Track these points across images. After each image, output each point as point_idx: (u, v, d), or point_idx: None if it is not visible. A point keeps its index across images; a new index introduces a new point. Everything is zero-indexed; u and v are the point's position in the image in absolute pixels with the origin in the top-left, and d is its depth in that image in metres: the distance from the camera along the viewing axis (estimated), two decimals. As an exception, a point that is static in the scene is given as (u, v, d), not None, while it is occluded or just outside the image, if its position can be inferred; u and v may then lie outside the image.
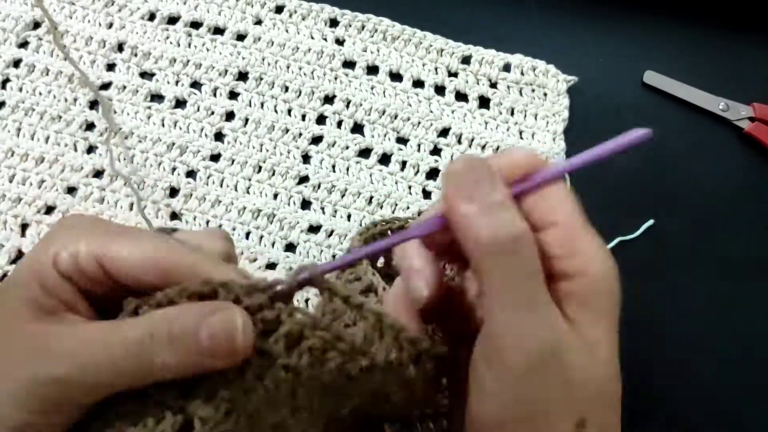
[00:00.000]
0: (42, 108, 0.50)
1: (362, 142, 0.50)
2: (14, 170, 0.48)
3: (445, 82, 0.52)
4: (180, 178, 0.49)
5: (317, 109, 0.51)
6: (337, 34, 0.53)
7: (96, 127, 0.50)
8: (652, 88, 0.53)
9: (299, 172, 0.49)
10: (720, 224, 0.50)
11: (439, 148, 0.51)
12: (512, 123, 0.51)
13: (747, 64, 0.55)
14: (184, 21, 0.53)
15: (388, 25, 0.53)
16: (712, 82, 0.53)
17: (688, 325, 0.47)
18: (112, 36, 0.52)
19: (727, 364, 0.46)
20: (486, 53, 0.53)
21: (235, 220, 0.48)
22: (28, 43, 0.52)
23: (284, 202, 0.48)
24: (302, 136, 0.50)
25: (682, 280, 0.48)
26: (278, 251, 0.47)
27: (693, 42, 0.55)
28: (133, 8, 0.53)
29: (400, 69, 0.52)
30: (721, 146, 0.52)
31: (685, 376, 0.46)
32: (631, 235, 0.49)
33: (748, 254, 0.49)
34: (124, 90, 0.51)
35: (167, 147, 0.50)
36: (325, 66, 0.52)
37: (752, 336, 0.47)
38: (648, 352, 0.46)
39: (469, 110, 0.52)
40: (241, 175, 0.49)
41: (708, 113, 0.53)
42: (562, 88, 0.52)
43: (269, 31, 0.53)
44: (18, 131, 0.50)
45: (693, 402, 0.45)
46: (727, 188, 0.51)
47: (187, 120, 0.50)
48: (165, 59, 0.52)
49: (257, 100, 0.51)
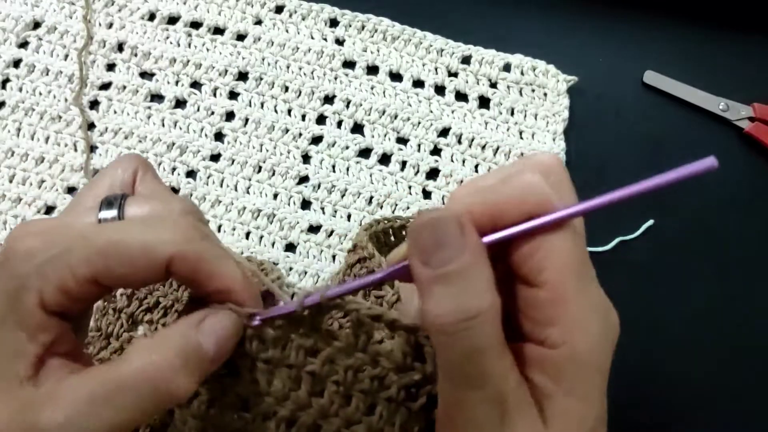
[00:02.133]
0: (42, 108, 0.50)
1: (362, 142, 0.50)
2: (14, 170, 0.48)
3: (445, 82, 0.52)
4: (180, 178, 0.49)
5: (317, 109, 0.51)
6: (337, 34, 0.53)
7: (96, 126, 0.50)
8: (652, 88, 0.53)
9: (299, 172, 0.49)
10: (720, 224, 0.50)
11: (439, 148, 0.51)
12: (512, 123, 0.51)
13: (747, 64, 0.55)
14: (184, 21, 0.53)
15: (388, 25, 0.53)
16: (712, 82, 0.53)
17: (688, 325, 0.47)
18: (112, 36, 0.52)
19: (726, 364, 0.46)
20: (486, 53, 0.53)
21: (235, 220, 0.48)
22: (28, 43, 0.52)
23: (284, 202, 0.48)
24: (302, 136, 0.50)
25: (682, 280, 0.48)
26: (278, 251, 0.47)
27: (693, 42, 0.55)
28: (133, 8, 0.53)
29: (400, 69, 0.52)
30: (721, 146, 0.52)
31: (684, 376, 0.46)
32: (631, 235, 0.49)
33: (748, 254, 0.49)
34: (124, 90, 0.51)
35: (167, 147, 0.50)
36: (325, 66, 0.52)
37: (752, 336, 0.47)
38: (647, 351, 0.46)
39: (469, 110, 0.52)
40: (241, 175, 0.49)
41: (708, 113, 0.53)
42: (562, 88, 0.52)
43: (269, 31, 0.53)
44: (18, 131, 0.50)
45: (692, 402, 0.45)
46: (727, 188, 0.51)
47: (187, 120, 0.50)
48: (165, 59, 0.52)
49: (257, 100, 0.51)
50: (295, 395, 0.26)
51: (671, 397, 0.45)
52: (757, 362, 0.46)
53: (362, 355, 0.25)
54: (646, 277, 0.48)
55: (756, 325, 0.47)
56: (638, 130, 0.52)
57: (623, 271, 0.48)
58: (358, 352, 0.25)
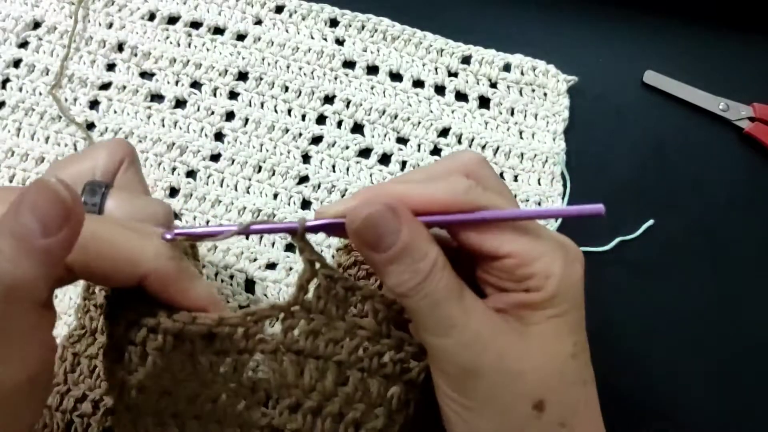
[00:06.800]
0: (42, 108, 0.50)
1: (362, 142, 0.50)
2: (14, 170, 0.48)
3: (445, 82, 0.52)
4: (180, 178, 0.49)
5: (317, 109, 0.51)
6: (337, 34, 0.53)
7: (96, 126, 0.50)
8: (652, 88, 0.53)
9: (299, 172, 0.49)
10: (720, 224, 0.50)
11: (439, 148, 0.50)
12: (512, 123, 0.51)
13: (747, 64, 0.55)
14: (184, 21, 0.53)
15: (388, 25, 0.53)
16: (712, 82, 0.53)
17: (688, 324, 0.47)
18: (112, 36, 0.52)
19: (726, 364, 0.46)
20: (486, 53, 0.53)
21: (235, 220, 0.48)
22: (28, 43, 0.52)
23: (284, 202, 0.48)
24: (302, 136, 0.50)
25: (682, 280, 0.48)
26: (278, 251, 0.47)
27: (693, 42, 0.55)
28: (133, 8, 0.53)
29: (400, 69, 0.52)
30: (721, 146, 0.52)
31: (684, 376, 0.46)
32: (631, 235, 0.49)
33: (747, 254, 0.49)
34: (124, 90, 0.51)
35: (167, 147, 0.50)
36: (325, 66, 0.52)
37: (752, 336, 0.47)
38: (647, 351, 0.46)
39: (469, 110, 0.52)
40: (241, 175, 0.49)
41: (708, 113, 0.53)
42: (562, 88, 0.52)
43: (269, 31, 0.53)
44: (18, 131, 0.50)
45: (692, 401, 0.45)
46: (727, 188, 0.51)
47: (187, 120, 0.50)
48: (165, 59, 0.52)
49: (257, 100, 0.51)
50: (322, 385, 0.27)
51: (670, 397, 0.45)
52: (756, 362, 0.46)
53: (387, 340, 0.28)
54: (646, 277, 0.48)
55: (756, 325, 0.47)
56: (638, 130, 0.52)
57: (623, 271, 0.48)
58: (383, 338, 0.27)
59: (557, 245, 0.26)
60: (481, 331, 0.25)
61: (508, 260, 0.25)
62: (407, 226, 0.25)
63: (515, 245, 0.25)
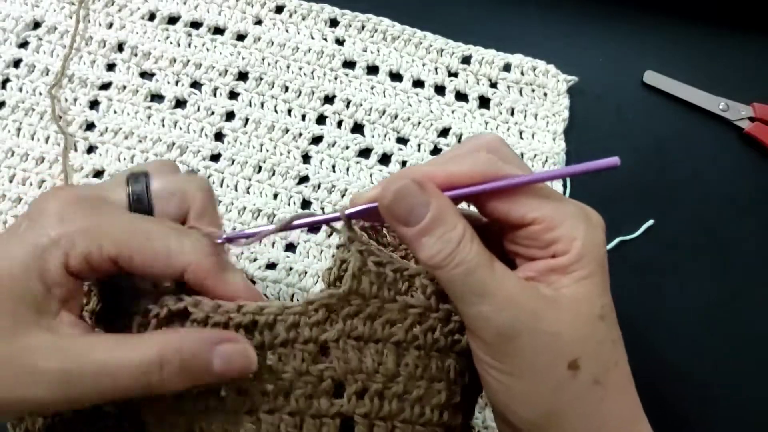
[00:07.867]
0: (42, 108, 0.50)
1: (362, 142, 0.50)
2: (14, 170, 0.48)
3: (445, 82, 0.52)
4: (180, 178, 0.49)
5: (317, 109, 0.51)
6: (337, 34, 0.53)
7: (96, 126, 0.50)
8: (652, 88, 0.53)
9: (299, 172, 0.49)
10: (720, 224, 0.50)
11: (440, 148, 0.51)
12: (512, 123, 0.51)
13: (747, 64, 0.55)
14: (184, 21, 0.53)
15: (388, 25, 0.53)
16: (712, 82, 0.53)
17: (688, 324, 0.47)
18: (112, 36, 0.52)
19: (726, 364, 0.46)
20: (486, 53, 0.53)
21: (235, 220, 0.48)
22: (28, 43, 0.52)
23: (284, 202, 0.48)
24: (302, 136, 0.50)
25: (682, 280, 0.48)
26: (278, 251, 0.47)
27: (693, 42, 0.55)
28: (133, 8, 0.53)
29: (400, 69, 0.52)
30: (721, 146, 0.52)
31: (684, 375, 0.46)
32: (631, 235, 0.49)
33: (748, 254, 0.49)
34: (124, 90, 0.51)
35: (167, 147, 0.50)
36: (325, 66, 0.52)
37: (752, 336, 0.47)
38: (647, 351, 0.46)
39: (469, 110, 0.52)
40: (241, 175, 0.49)
41: (708, 113, 0.53)
42: (562, 88, 0.52)
43: (269, 31, 0.53)
44: (18, 131, 0.50)
45: (692, 401, 0.45)
46: (727, 188, 0.51)
47: (187, 120, 0.50)
48: (165, 59, 0.52)
49: (257, 100, 0.51)
50: (384, 368, 0.28)
51: (671, 396, 0.45)
52: (757, 361, 0.46)
53: (436, 314, 0.29)
54: (646, 277, 0.48)
55: (756, 325, 0.47)
56: (638, 130, 0.52)
57: (623, 271, 0.48)
58: (432, 313, 0.29)
59: (580, 211, 0.27)
60: (515, 296, 0.26)
61: (534, 227, 0.26)
62: (435, 199, 0.26)
63: (541, 212, 0.26)
